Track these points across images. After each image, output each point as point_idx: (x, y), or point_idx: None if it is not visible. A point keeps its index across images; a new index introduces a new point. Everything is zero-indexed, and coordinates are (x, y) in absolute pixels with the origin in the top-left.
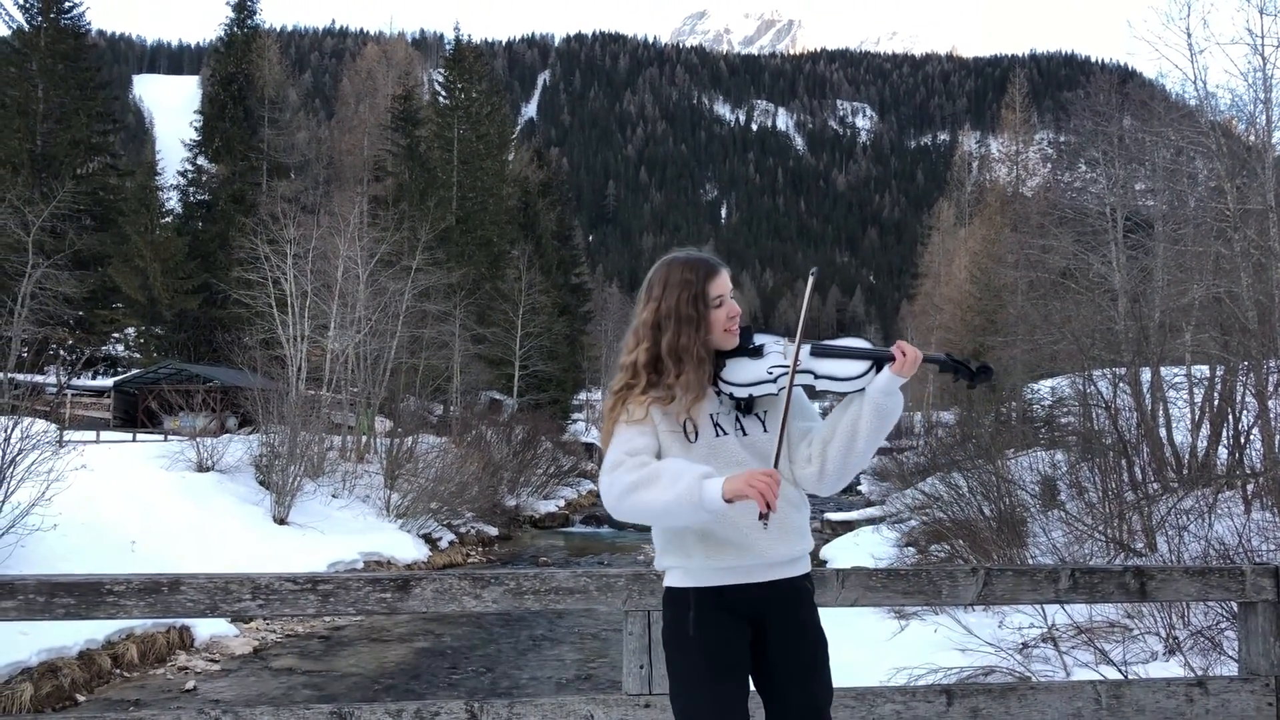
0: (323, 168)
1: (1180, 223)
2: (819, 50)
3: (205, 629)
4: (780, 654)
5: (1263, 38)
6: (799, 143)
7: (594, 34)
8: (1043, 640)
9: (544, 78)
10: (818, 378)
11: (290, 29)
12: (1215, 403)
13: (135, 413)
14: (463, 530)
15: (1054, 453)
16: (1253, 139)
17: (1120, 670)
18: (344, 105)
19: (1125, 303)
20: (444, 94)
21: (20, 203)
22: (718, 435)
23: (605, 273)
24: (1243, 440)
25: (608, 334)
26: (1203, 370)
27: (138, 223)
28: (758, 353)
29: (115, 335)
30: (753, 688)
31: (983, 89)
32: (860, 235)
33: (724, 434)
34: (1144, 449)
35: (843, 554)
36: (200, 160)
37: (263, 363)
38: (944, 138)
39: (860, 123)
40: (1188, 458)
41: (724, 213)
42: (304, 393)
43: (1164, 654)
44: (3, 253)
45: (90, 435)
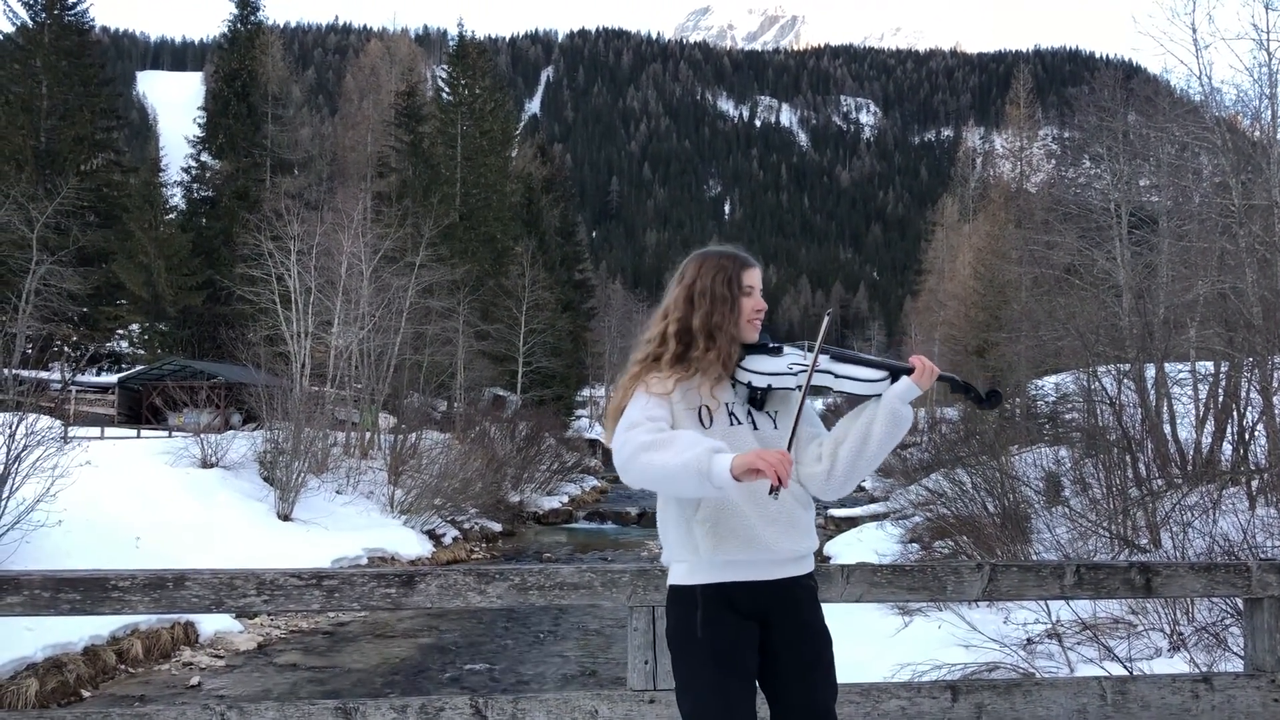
0: (326, 164)
1: (1185, 218)
2: (823, 46)
3: (210, 625)
4: (786, 653)
5: (1268, 33)
6: (803, 139)
7: (597, 30)
8: (1047, 636)
9: (547, 74)
10: (837, 378)
11: (294, 25)
12: (1220, 399)
13: (139, 409)
14: (467, 526)
15: (1058, 449)
16: (1258, 134)
17: (1125, 666)
18: (347, 101)
19: (1130, 299)
20: (447, 90)
21: (24, 199)
22: (732, 424)
23: (609, 269)
24: (1247, 436)
25: (611, 330)
26: (1207, 366)
27: (142, 219)
28: (777, 352)
29: (119, 332)
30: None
31: (987, 85)
32: (864, 231)
33: (738, 423)
34: (1148, 445)
35: (847, 550)
36: (204, 156)
37: (267, 359)
38: (948, 133)
39: (864, 118)
40: (1192, 454)
41: (727, 209)
42: (308, 389)
43: (1169, 650)
44: (7, 249)
45: (95, 431)
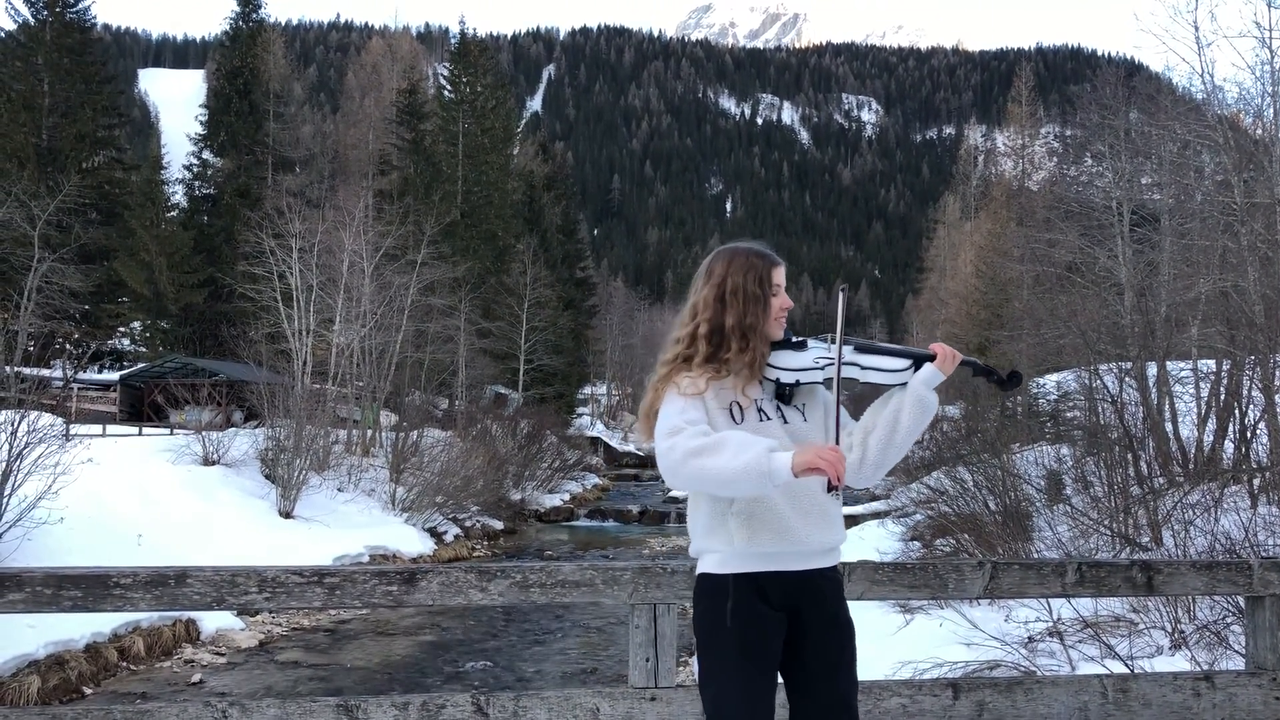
0: (328, 162)
1: (1187, 217)
2: (824, 44)
3: (211, 622)
4: (812, 645)
5: (1270, 31)
6: (804, 136)
7: (599, 27)
8: (1048, 634)
9: (549, 71)
10: (863, 369)
11: (295, 23)
12: (1221, 397)
13: (141, 406)
14: (468, 524)
15: (1059, 447)
16: (1260, 132)
17: (1126, 664)
18: (349, 99)
19: (1131, 297)
20: (449, 88)
21: (26, 197)
22: (761, 420)
23: (610, 267)
24: (1249, 434)
25: (612, 328)
26: (1209, 365)
27: (143, 217)
28: (801, 346)
29: (121, 329)
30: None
31: (988, 83)
32: (865, 229)
33: (767, 419)
34: (1150, 443)
35: (848, 548)
36: (205, 154)
37: (268, 357)
38: (949, 131)
39: (866, 116)
40: (1194, 452)
41: (729, 207)
42: (309, 387)
43: (1170, 648)
44: (9, 247)
45: (96, 429)
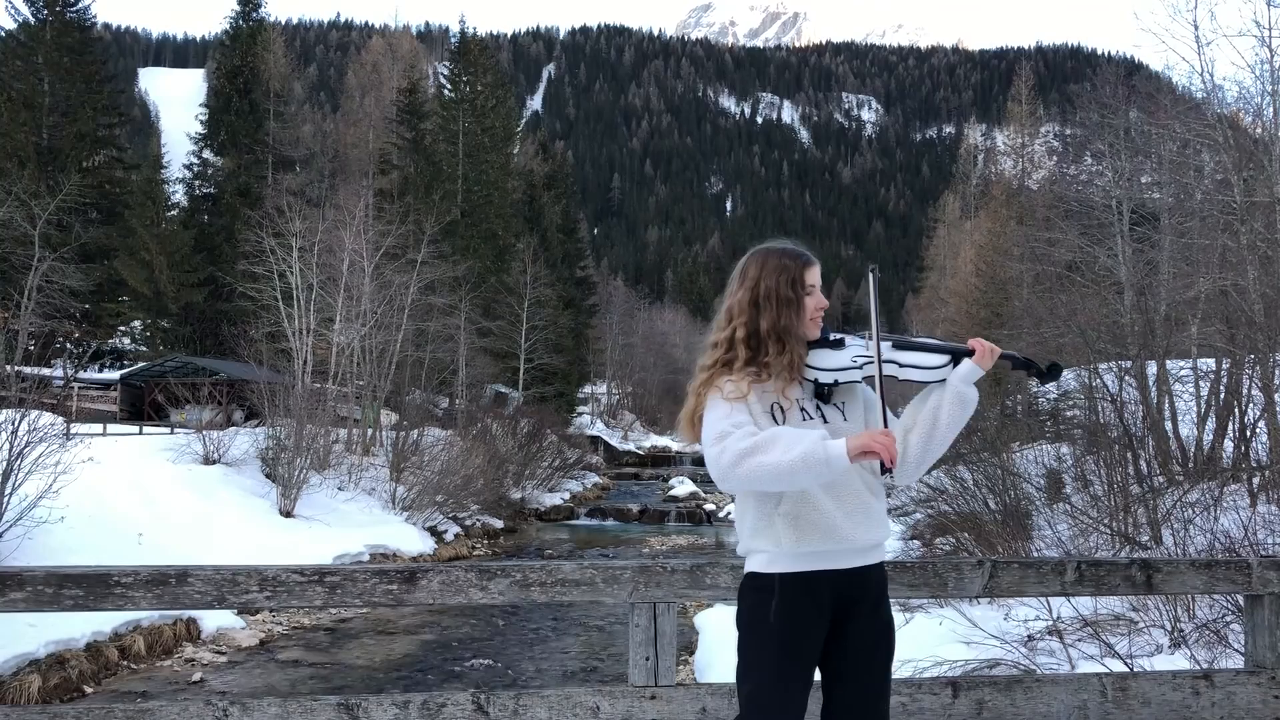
0: (328, 161)
1: (1186, 216)
2: (824, 43)
3: (212, 621)
4: (855, 640)
5: (1270, 30)
6: (804, 135)
7: (599, 26)
8: (1048, 633)
9: (549, 70)
10: (901, 367)
11: (295, 22)
12: (1221, 396)
13: (142, 406)
14: (468, 523)
15: (1059, 446)
16: (1260, 131)
17: (1126, 663)
18: (349, 98)
19: (1131, 296)
20: (449, 87)
21: (26, 196)
22: (804, 420)
23: (610, 266)
24: (1249, 433)
25: (613, 327)
26: (1209, 363)
27: (143, 216)
28: (839, 344)
29: (121, 328)
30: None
31: (988, 82)
32: (865, 228)
33: (809, 419)
34: (1149, 442)
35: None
36: (206, 153)
37: (269, 356)
38: (949, 130)
39: (866, 115)
40: (1193, 451)
41: (729, 206)
42: (310, 386)
43: (1169, 647)
44: (9, 246)
45: (97, 428)
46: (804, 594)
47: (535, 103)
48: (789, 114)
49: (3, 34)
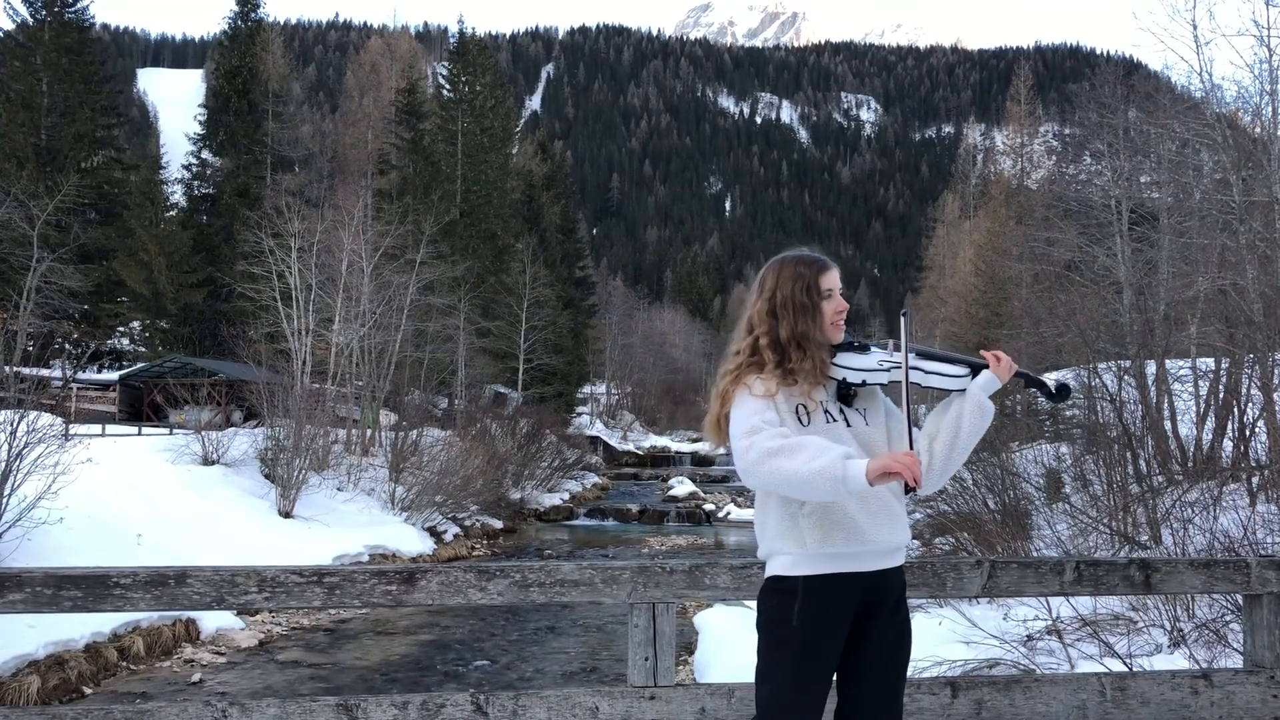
0: (327, 161)
1: (1185, 215)
2: (823, 42)
3: (211, 622)
4: (874, 640)
5: (1269, 29)
6: (803, 135)
7: (598, 26)
8: (1047, 633)
9: (548, 70)
10: (926, 374)
11: (294, 22)
12: (1220, 395)
13: (141, 406)
14: (468, 523)
15: (1059, 445)
16: (1258, 131)
17: (1125, 663)
18: (348, 99)
19: (1130, 295)
20: (448, 87)
21: (25, 196)
22: (829, 421)
23: (609, 266)
24: (1248, 433)
25: (612, 327)
26: (1208, 363)
27: (142, 216)
28: (863, 349)
29: (120, 329)
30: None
31: (987, 81)
32: (865, 228)
33: (834, 420)
34: (1149, 442)
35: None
36: (204, 154)
37: (268, 356)
38: (949, 130)
39: (865, 115)
40: (1193, 450)
41: (728, 206)
42: (309, 386)
43: (1169, 646)
44: (8, 247)
45: (96, 429)
46: (828, 597)
47: (534, 103)
48: (788, 114)
49: (1, 34)
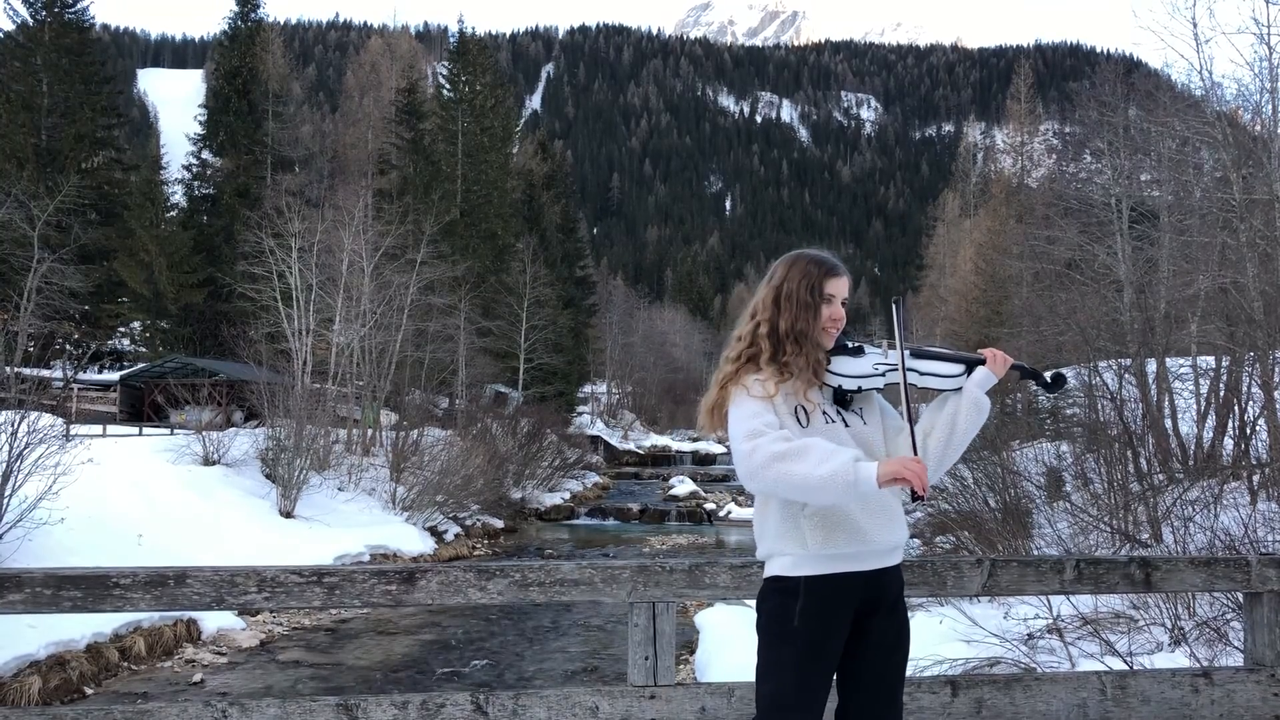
0: (327, 161)
1: (1186, 213)
2: (823, 41)
3: (212, 622)
4: (874, 639)
5: (1269, 27)
6: (803, 134)
7: (598, 26)
8: (1048, 631)
9: (548, 70)
10: (921, 375)
11: (294, 22)
12: (1221, 393)
13: (141, 406)
14: (468, 523)
15: (1059, 444)
16: (1259, 129)
17: (1125, 661)
18: (348, 99)
19: (1131, 294)
20: (448, 87)
21: (26, 197)
22: (828, 423)
23: (610, 265)
24: (1248, 431)
25: (612, 326)
26: (1208, 361)
27: (143, 217)
28: (858, 352)
29: (121, 329)
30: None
31: (987, 80)
32: (865, 227)
33: (832, 422)
34: (1149, 440)
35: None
36: (205, 154)
37: (268, 356)
38: (949, 129)
39: (865, 114)
40: (1193, 449)
41: (728, 205)
42: (309, 386)
43: (1169, 645)
44: (8, 247)
45: (96, 429)
46: (829, 596)
47: (534, 102)
48: (788, 113)
49: (1, 35)
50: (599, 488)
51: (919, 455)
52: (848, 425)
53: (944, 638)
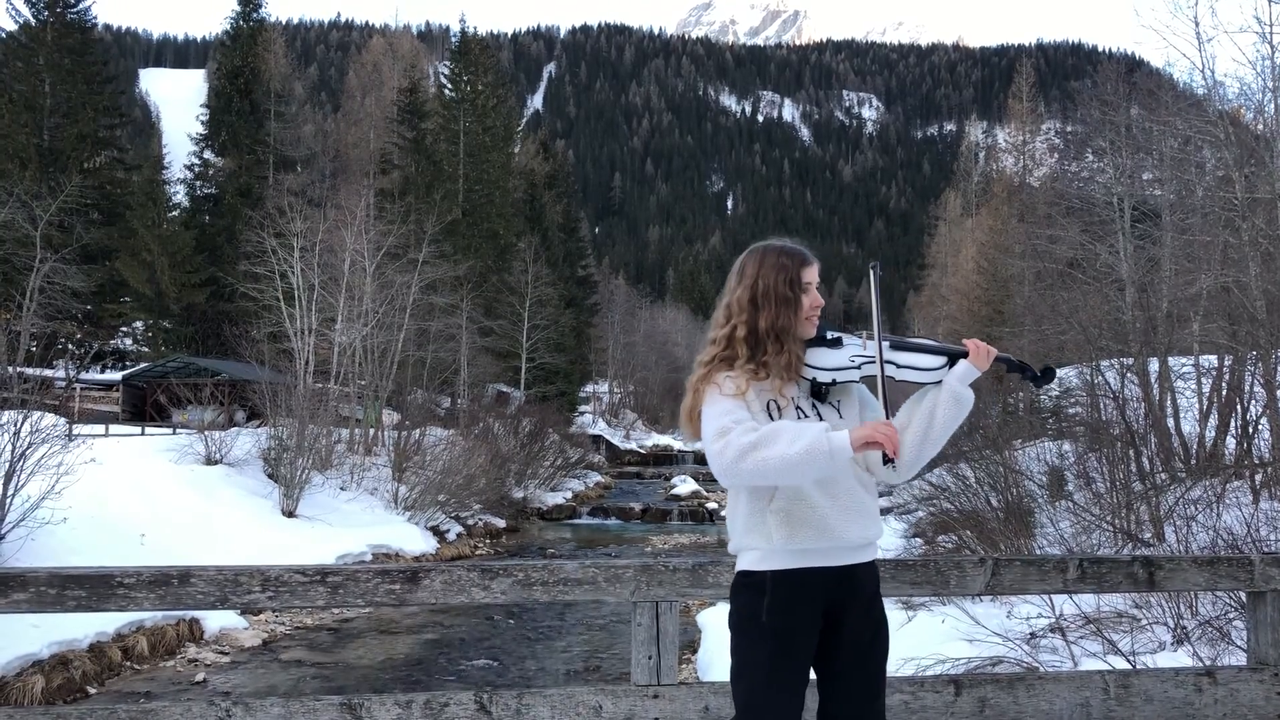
0: (329, 161)
1: (1188, 212)
2: (825, 41)
3: (215, 621)
4: (848, 638)
5: (1271, 26)
6: (805, 134)
7: (599, 25)
8: (1050, 630)
9: (549, 70)
10: (899, 368)
11: (296, 22)
12: (1223, 392)
13: (144, 406)
14: (470, 522)
15: (1061, 443)
16: (1261, 128)
17: (1128, 660)
18: (350, 98)
19: (1133, 293)
20: (450, 87)
21: (28, 197)
22: (800, 418)
23: (611, 265)
24: (1251, 430)
25: (614, 326)
26: (1211, 360)
27: (145, 217)
28: (836, 343)
29: (123, 329)
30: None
31: (989, 79)
32: (867, 226)
33: (804, 416)
34: (1152, 439)
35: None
36: (207, 154)
37: (270, 356)
38: (950, 128)
39: (866, 113)
40: (1195, 448)
41: (730, 204)
42: (311, 386)
43: (1172, 644)
44: (11, 247)
45: (99, 429)
46: (796, 592)
47: (536, 102)
48: (790, 112)
49: (3, 35)
50: (601, 487)
51: (892, 422)
52: (822, 420)
53: (947, 637)
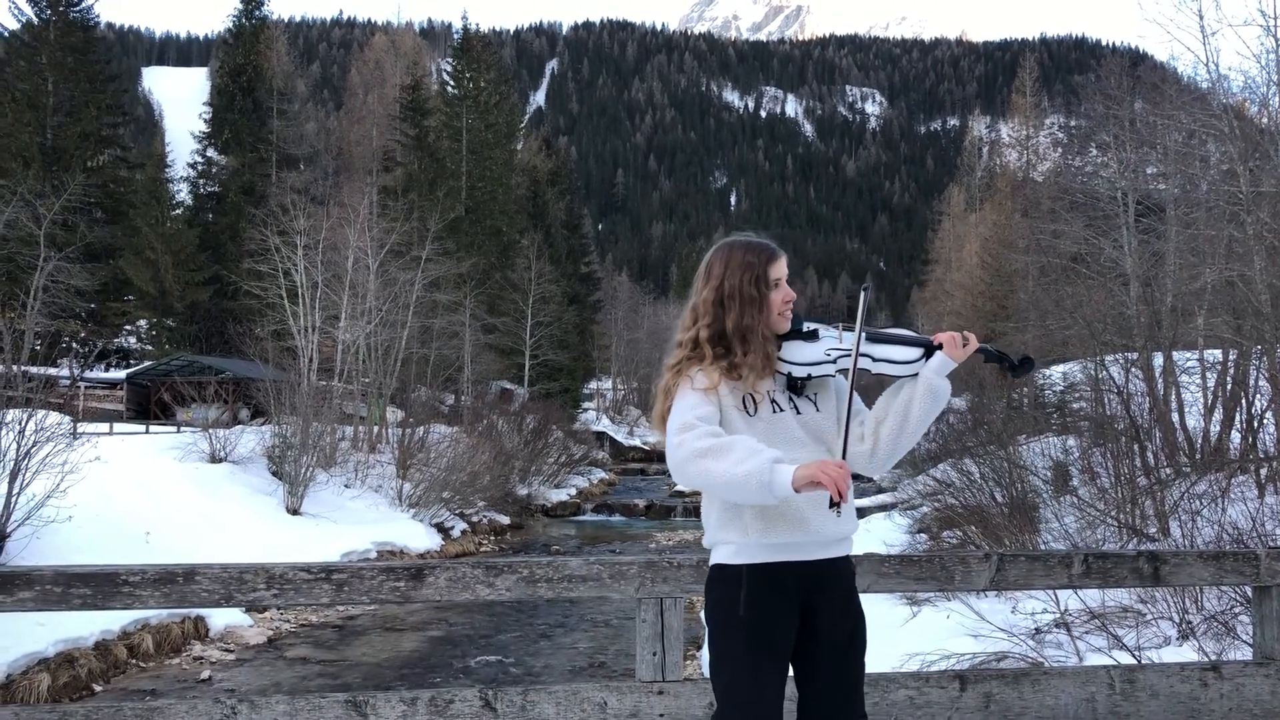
0: (332, 159)
1: (1192, 206)
2: (828, 36)
3: (220, 619)
4: (824, 632)
5: (1275, 19)
6: (808, 129)
7: (602, 22)
8: (1056, 626)
9: (552, 66)
10: (875, 361)
11: (298, 20)
12: (1228, 387)
13: (148, 405)
14: (475, 519)
15: (1066, 438)
16: (1265, 121)
17: (1134, 655)
18: (352, 96)
19: (1137, 287)
20: (452, 84)
21: (31, 196)
22: (775, 411)
23: (614, 261)
24: (1256, 424)
25: (617, 323)
26: (1215, 354)
27: (148, 215)
28: (812, 336)
29: (127, 327)
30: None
31: (992, 73)
32: (870, 222)
33: (780, 410)
34: (1156, 434)
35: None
36: (210, 152)
37: (274, 354)
38: (954, 123)
39: (870, 109)
40: (1200, 442)
41: (733, 200)
42: (315, 383)
43: (1177, 639)
44: (15, 246)
45: (103, 427)
46: (771, 585)
47: (539, 98)
48: (793, 107)
49: (6, 34)
50: (605, 484)
51: (849, 455)
52: (799, 413)
53: (952, 632)
